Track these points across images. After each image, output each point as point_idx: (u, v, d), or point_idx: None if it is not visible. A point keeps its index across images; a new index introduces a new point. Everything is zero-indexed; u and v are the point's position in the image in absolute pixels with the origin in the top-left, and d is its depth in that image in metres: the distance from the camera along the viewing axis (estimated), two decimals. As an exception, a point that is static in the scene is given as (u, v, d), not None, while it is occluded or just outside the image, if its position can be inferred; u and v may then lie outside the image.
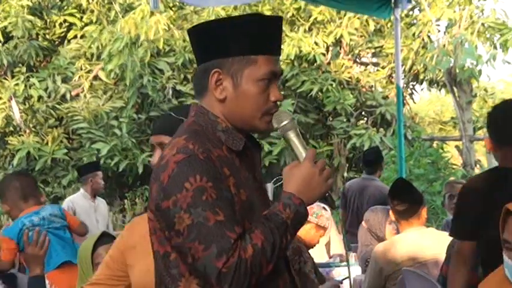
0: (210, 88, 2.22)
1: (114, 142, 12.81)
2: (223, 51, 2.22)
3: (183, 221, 2.05)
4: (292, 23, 13.93)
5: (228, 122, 2.22)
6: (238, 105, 2.22)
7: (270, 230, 2.07)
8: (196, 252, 2.04)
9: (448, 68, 12.82)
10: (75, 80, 13.70)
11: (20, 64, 13.92)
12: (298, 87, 13.36)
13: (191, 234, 2.04)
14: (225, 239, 2.02)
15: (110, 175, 13.25)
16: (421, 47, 13.82)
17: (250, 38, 2.22)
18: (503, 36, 12.96)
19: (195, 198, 2.05)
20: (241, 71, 2.21)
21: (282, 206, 2.12)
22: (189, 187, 2.05)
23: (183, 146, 2.12)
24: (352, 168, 14.35)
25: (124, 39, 12.58)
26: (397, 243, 5.07)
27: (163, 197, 2.09)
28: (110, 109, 13.27)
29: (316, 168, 2.16)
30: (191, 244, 2.04)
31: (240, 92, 2.21)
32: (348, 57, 14.43)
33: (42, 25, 14.18)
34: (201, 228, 2.04)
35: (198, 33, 2.28)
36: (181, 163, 2.08)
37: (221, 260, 2.01)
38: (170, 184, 2.08)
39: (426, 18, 13.58)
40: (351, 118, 13.84)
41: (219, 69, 2.20)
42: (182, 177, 2.07)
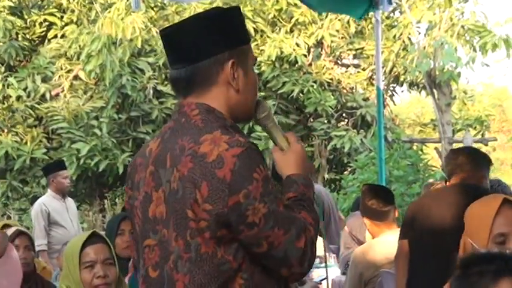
0: (222, 81, 2.22)
1: (94, 142, 12.78)
2: (235, 42, 2.25)
3: (259, 211, 2.08)
4: (273, 24, 13.95)
5: (230, 117, 2.24)
6: (249, 94, 2.28)
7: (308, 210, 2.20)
8: (277, 238, 2.09)
9: (428, 70, 12.87)
10: (55, 80, 13.66)
11: (0, 64, 13.85)
12: (279, 88, 13.38)
13: (269, 222, 2.08)
14: (297, 220, 2.13)
15: (89, 175, 13.23)
16: (402, 49, 13.90)
17: (242, 27, 2.30)
18: (483, 38, 13.01)
19: (265, 187, 2.09)
20: (246, 60, 2.26)
21: (303, 186, 2.24)
22: (257, 177, 2.09)
23: (234, 140, 2.12)
24: (332, 169, 14.39)
25: (102, 39, 12.53)
26: (375, 246, 5.11)
27: (230, 193, 2.08)
28: (90, 109, 13.23)
29: (303, 147, 2.29)
30: (270, 232, 2.09)
31: (249, 81, 2.27)
32: (329, 58, 14.47)
33: (22, 25, 14.12)
34: (277, 215, 2.09)
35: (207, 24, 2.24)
36: (241, 156, 2.09)
37: (301, 240, 2.11)
38: (237, 178, 2.08)
39: (407, 21, 13.64)
40: (332, 119, 13.89)
41: (235, 59, 2.23)
42: (248, 169, 2.09)
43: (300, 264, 2.11)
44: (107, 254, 3.29)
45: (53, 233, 7.46)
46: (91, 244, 3.30)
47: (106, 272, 3.25)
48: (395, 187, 10.62)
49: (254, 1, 13.26)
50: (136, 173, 2.26)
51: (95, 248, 3.29)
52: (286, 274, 2.14)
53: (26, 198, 13.31)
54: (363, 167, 11.77)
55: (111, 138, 12.93)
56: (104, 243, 3.34)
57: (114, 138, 13.06)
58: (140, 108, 13.26)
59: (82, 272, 3.26)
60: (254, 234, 2.08)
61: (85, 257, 3.28)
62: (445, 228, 4.32)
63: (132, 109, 13.35)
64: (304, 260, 2.11)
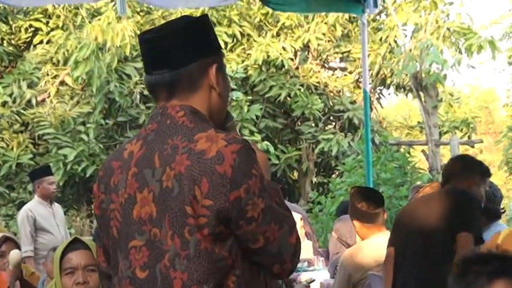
0: (205, 84, 2.26)
1: (81, 147, 12.75)
2: (217, 47, 2.32)
3: (258, 206, 2.11)
4: (260, 28, 13.96)
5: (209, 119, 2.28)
6: (227, 98, 2.33)
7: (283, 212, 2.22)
8: (273, 234, 2.13)
9: (415, 73, 12.91)
10: (41, 86, 13.61)
11: (-15, 69, 13.83)
12: (266, 92, 13.38)
13: (266, 217, 2.12)
14: (288, 216, 2.17)
15: (77, 180, 13.19)
16: (388, 52, 13.93)
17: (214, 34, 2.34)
18: (468, 40, 13.06)
19: (262, 183, 2.14)
20: (224, 65, 2.31)
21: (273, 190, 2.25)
22: (256, 173, 2.13)
23: (231, 137, 2.16)
24: (320, 173, 14.41)
25: (90, 46, 12.51)
26: (364, 248, 5.13)
27: (231, 188, 2.10)
28: (77, 114, 13.20)
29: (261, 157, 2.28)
30: (267, 227, 2.13)
31: (226, 85, 2.32)
32: (315, 62, 14.49)
33: (7, 30, 14.08)
34: (273, 210, 2.14)
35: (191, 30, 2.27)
36: (240, 152, 2.13)
37: (293, 236, 2.15)
38: (237, 174, 2.11)
39: (393, 23, 13.68)
40: (319, 123, 13.88)
41: (218, 64, 2.27)
42: (248, 164, 2.13)
43: (291, 261, 2.15)
44: (88, 260, 3.27)
45: (39, 239, 7.43)
46: (72, 250, 3.29)
47: (86, 279, 3.23)
48: (382, 190, 10.64)
49: (240, 5, 13.26)
50: (113, 176, 2.25)
51: (76, 254, 3.28)
52: (278, 271, 2.17)
53: (12, 204, 13.26)
54: (350, 170, 11.79)
55: (98, 144, 12.91)
56: (85, 249, 3.30)
57: (101, 144, 13.04)
58: (127, 114, 13.24)
59: (63, 278, 3.26)
60: (252, 229, 2.11)
61: (66, 263, 3.27)
62: (431, 230, 4.38)
63: (119, 114, 13.33)
64: (295, 256, 2.15)
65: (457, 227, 4.32)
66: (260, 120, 13.11)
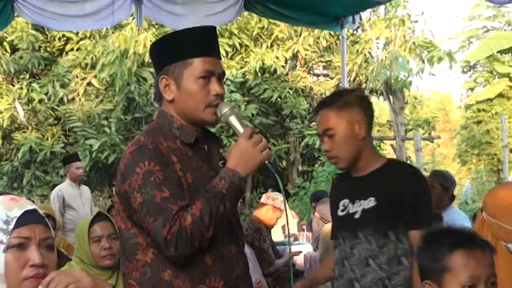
0: (162, 93, 2.26)
1: (104, 139, 12.72)
2: (167, 60, 2.25)
3: (136, 199, 2.08)
4: (256, 39, 13.92)
5: (181, 119, 2.24)
6: (184, 102, 2.24)
7: (208, 200, 2.07)
8: (148, 225, 2.07)
9: (385, 79, 12.88)
10: (72, 86, 13.59)
11: (25, 72, 13.76)
12: (260, 94, 13.35)
13: (143, 210, 2.07)
14: (168, 211, 2.04)
15: (100, 166, 13.17)
16: (363, 61, 13.91)
17: (186, 45, 2.24)
18: (430, 52, 13.07)
19: (144, 180, 2.08)
20: (182, 73, 2.22)
21: (218, 179, 2.13)
22: (139, 171, 2.09)
23: (137, 140, 2.18)
24: (305, 162, 14.40)
25: (115, 53, 12.49)
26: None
27: (122, 182, 2.13)
28: (101, 111, 13.18)
29: (249, 142, 2.15)
30: (144, 218, 2.07)
31: (183, 91, 2.23)
32: (303, 69, 14.46)
33: (43, 39, 14.03)
34: (149, 204, 2.06)
35: (150, 52, 2.35)
36: (133, 153, 2.13)
37: (165, 229, 2.03)
38: (126, 170, 2.12)
39: (368, 37, 13.67)
40: (305, 120, 13.88)
41: (166, 75, 2.24)
42: (134, 163, 2.10)
43: (167, 249, 2.05)
44: (111, 230, 3.31)
45: (66, 215, 7.44)
46: (97, 222, 3.33)
47: (111, 245, 3.26)
48: (357, 177, 10.62)
49: (239, 20, 13.20)
50: None
51: (101, 225, 3.32)
52: (165, 255, 2.10)
53: (47, 186, 13.24)
54: (330, 160, 11.77)
55: (118, 136, 12.87)
56: (108, 221, 3.35)
57: (121, 136, 13.00)
58: (143, 111, 13.20)
59: (91, 245, 3.28)
60: (137, 218, 2.10)
61: (93, 232, 3.31)
62: None
63: (137, 111, 13.29)
64: (169, 246, 2.04)
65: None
66: (255, 117, 13.07)
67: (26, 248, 1.70)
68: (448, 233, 1.87)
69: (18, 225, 1.69)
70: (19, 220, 1.70)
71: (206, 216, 2.05)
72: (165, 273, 2.11)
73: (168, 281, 2.11)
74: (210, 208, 2.06)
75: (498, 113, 19.68)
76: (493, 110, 20.29)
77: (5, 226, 1.69)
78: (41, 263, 1.70)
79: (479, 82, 22.45)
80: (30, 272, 1.68)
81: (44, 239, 1.73)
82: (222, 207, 2.08)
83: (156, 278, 2.12)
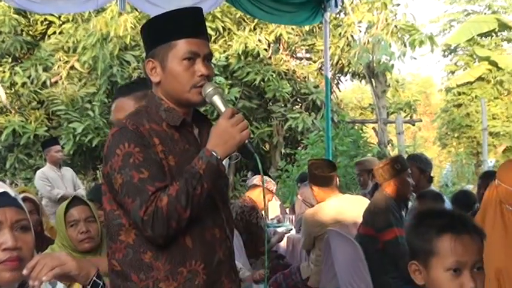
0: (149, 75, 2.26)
1: (88, 122, 12.64)
2: (152, 43, 2.25)
3: (117, 180, 2.08)
4: (239, 23, 13.85)
5: (169, 102, 2.23)
6: (169, 84, 2.22)
7: (185, 180, 2.06)
8: (128, 205, 2.07)
9: (368, 63, 12.90)
10: (55, 70, 13.48)
11: (7, 56, 13.64)
12: (244, 77, 13.31)
13: (123, 191, 2.07)
14: (145, 192, 2.04)
15: (84, 150, 13.10)
16: (346, 45, 13.91)
17: (170, 27, 2.22)
18: (412, 36, 13.10)
19: (124, 162, 2.07)
20: (166, 55, 2.21)
21: (196, 159, 2.12)
22: (119, 153, 2.08)
23: (119, 122, 2.16)
24: (288, 145, 14.40)
25: (96, 35, 12.41)
26: (322, 209, 5.11)
27: (105, 164, 2.13)
28: (84, 94, 13.09)
29: (229, 122, 2.13)
30: (124, 199, 2.08)
31: (168, 73, 2.22)
32: (285, 52, 14.42)
33: (26, 23, 13.89)
34: (128, 185, 2.06)
35: (141, 36, 2.34)
36: (114, 134, 2.12)
37: (142, 210, 2.03)
38: (107, 152, 2.12)
39: (350, 21, 13.65)
40: (288, 104, 13.87)
41: (151, 58, 2.23)
42: (115, 145, 2.10)
43: (144, 230, 2.06)
44: (88, 213, 3.29)
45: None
46: (74, 206, 3.30)
47: (88, 228, 3.24)
48: (340, 160, 10.65)
49: (223, 3, 13.13)
50: None
51: (78, 209, 3.29)
52: (145, 235, 2.10)
53: (30, 169, 13.15)
54: (313, 143, 11.79)
55: (102, 119, 12.79)
56: (84, 204, 3.33)
57: (105, 119, 12.92)
58: (127, 94, 13.10)
59: (68, 230, 3.26)
60: (119, 199, 2.10)
61: (69, 217, 3.28)
62: None
63: (120, 94, 13.19)
64: (146, 226, 2.04)
65: None
66: (238, 101, 13.04)
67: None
68: (438, 215, 1.86)
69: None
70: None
71: (183, 196, 2.04)
72: (146, 255, 2.11)
73: (148, 262, 2.11)
74: (187, 189, 2.05)
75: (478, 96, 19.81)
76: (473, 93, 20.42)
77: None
78: (14, 245, 1.66)
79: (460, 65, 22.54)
80: (3, 255, 1.65)
81: (17, 221, 1.70)
82: (199, 187, 2.06)
83: (137, 260, 2.11)
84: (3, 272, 1.65)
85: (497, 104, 20.33)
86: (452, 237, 1.76)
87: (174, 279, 2.10)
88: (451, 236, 1.76)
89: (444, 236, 1.77)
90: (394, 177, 4.58)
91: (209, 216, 2.18)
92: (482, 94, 19.74)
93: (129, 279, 2.12)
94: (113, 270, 2.17)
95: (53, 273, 1.71)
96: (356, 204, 5.05)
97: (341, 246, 4.66)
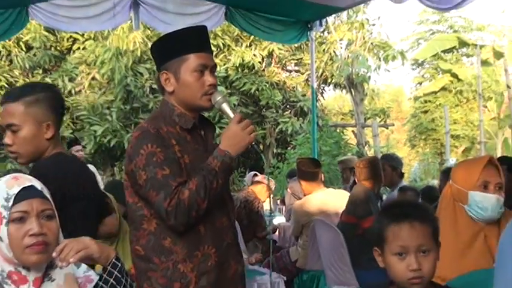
0: (163, 86, 2.26)
1: (107, 125, 12.62)
2: (164, 57, 2.25)
3: (141, 177, 2.09)
4: (237, 40, 13.84)
5: (181, 108, 2.24)
6: (183, 92, 2.23)
7: (203, 176, 2.09)
8: (152, 198, 2.08)
9: (348, 75, 12.93)
10: (78, 80, 13.45)
11: (38, 67, 13.62)
12: (241, 87, 13.30)
13: (147, 185, 2.07)
14: (168, 186, 2.06)
15: (103, 149, 13.07)
16: (329, 59, 13.91)
17: (181, 43, 2.23)
18: (386, 52, 13.14)
19: (148, 160, 2.08)
20: (179, 68, 2.22)
21: (212, 158, 2.14)
22: (143, 152, 2.09)
23: (141, 126, 2.17)
24: (279, 145, 14.41)
25: (112, 51, 12.38)
26: (309, 201, 5.11)
27: (129, 162, 2.13)
28: (103, 101, 13.07)
29: (238, 126, 2.15)
30: (148, 192, 2.08)
31: (181, 83, 2.23)
32: (277, 65, 14.42)
33: (54, 39, 13.85)
34: (153, 181, 2.07)
35: (151, 51, 2.33)
36: (138, 137, 2.13)
37: (166, 201, 2.05)
38: (132, 152, 2.12)
39: (333, 39, 13.66)
40: (279, 110, 13.87)
41: (166, 70, 2.24)
42: (139, 146, 2.11)
43: (168, 219, 2.07)
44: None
45: None
46: None
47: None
48: (324, 158, 10.67)
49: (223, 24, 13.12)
50: None
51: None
52: (168, 224, 2.10)
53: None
54: (301, 144, 11.80)
55: (119, 123, 12.78)
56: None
57: (121, 123, 12.91)
58: (140, 101, 13.09)
59: None
60: (142, 193, 2.11)
61: None
62: None
63: (134, 101, 13.18)
64: (170, 216, 2.06)
65: None
66: (236, 107, 13.04)
67: (25, 220, 1.69)
68: (389, 207, 1.85)
69: (17, 201, 1.69)
70: (17, 196, 1.69)
71: (201, 190, 2.06)
72: (166, 241, 2.13)
73: (168, 247, 2.13)
74: (205, 183, 2.07)
75: (441, 104, 19.82)
76: (437, 102, 20.44)
77: (6, 203, 1.68)
78: (39, 231, 1.69)
79: (426, 77, 22.57)
80: (30, 240, 1.68)
81: (42, 211, 1.72)
82: (215, 182, 2.10)
83: (158, 245, 2.13)
84: (31, 255, 1.68)
85: (457, 111, 20.37)
86: (395, 226, 1.75)
87: (190, 261, 2.13)
88: (394, 224, 1.76)
89: (390, 225, 1.77)
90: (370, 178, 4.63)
91: (218, 207, 2.21)
92: (445, 102, 19.77)
93: (151, 261, 2.14)
94: (137, 255, 2.18)
95: (79, 255, 1.72)
96: (338, 197, 5.06)
97: (325, 233, 4.66)
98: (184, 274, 2.12)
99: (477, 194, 2.40)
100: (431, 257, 1.74)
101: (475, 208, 2.41)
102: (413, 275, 1.71)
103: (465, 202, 2.43)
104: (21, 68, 13.34)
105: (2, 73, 13.32)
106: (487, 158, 2.48)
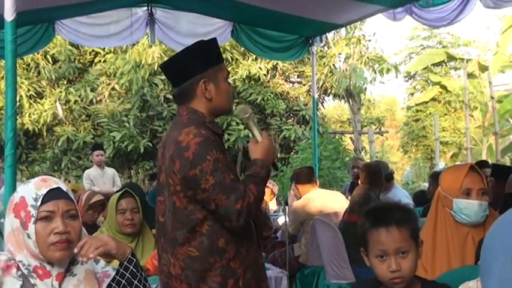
0: (199, 94, 2.19)
1: (125, 131, 12.65)
2: (204, 66, 2.21)
3: (208, 181, 2.03)
4: (244, 54, 13.84)
5: (209, 115, 2.21)
6: (220, 99, 2.22)
7: (257, 183, 2.11)
8: (220, 201, 2.04)
9: (346, 86, 12.91)
10: (99, 90, 13.49)
11: (63, 78, 13.66)
12: (248, 97, 13.31)
13: (216, 189, 2.03)
14: (239, 190, 2.05)
15: (121, 154, 13.08)
16: (329, 72, 13.90)
17: (213, 53, 2.23)
18: (381, 65, 13.12)
19: (215, 165, 2.04)
20: (217, 76, 2.21)
21: (259, 167, 2.16)
22: (210, 158, 2.05)
23: (198, 132, 2.09)
24: (283, 151, 14.40)
25: (131, 63, 12.43)
26: (310, 201, 5.11)
27: (190, 168, 2.05)
28: (122, 109, 13.10)
29: (270, 142, 2.23)
30: (216, 196, 2.04)
31: (219, 90, 2.22)
32: (281, 77, 14.42)
33: (77, 53, 13.90)
34: (222, 185, 2.04)
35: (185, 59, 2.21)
36: (200, 143, 2.06)
37: (238, 204, 2.04)
38: (195, 158, 2.05)
39: (332, 53, 13.66)
40: (283, 118, 13.87)
41: (205, 79, 2.20)
42: (204, 152, 2.05)
43: (237, 220, 2.06)
44: (134, 205, 3.31)
45: None
46: (124, 198, 3.34)
47: (133, 217, 3.28)
48: (324, 163, 10.64)
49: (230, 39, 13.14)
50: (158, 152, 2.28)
51: (126, 201, 3.33)
52: (228, 226, 2.09)
53: (80, 168, 13.14)
54: (303, 149, 11.78)
55: (135, 129, 12.80)
56: (132, 197, 3.35)
57: (138, 129, 12.93)
58: (155, 109, 13.12)
59: (117, 216, 3.30)
60: (206, 196, 2.05)
61: (120, 206, 3.31)
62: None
63: (150, 110, 13.21)
64: (240, 217, 2.05)
65: None
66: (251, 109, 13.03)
67: (52, 219, 1.69)
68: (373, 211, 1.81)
69: (44, 201, 1.70)
70: (45, 197, 1.70)
71: (260, 194, 2.12)
72: (219, 241, 2.12)
73: (222, 247, 2.12)
74: (260, 189, 2.13)
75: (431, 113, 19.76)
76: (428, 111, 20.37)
77: (34, 203, 1.69)
78: (64, 230, 1.69)
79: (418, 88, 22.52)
80: (55, 238, 1.68)
81: (67, 211, 1.72)
82: (262, 189, 2.15)
83: (212, 245, 2.11)
84: (55, 251, 1.68)
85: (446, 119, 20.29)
86: (374, 231, 1.73)
87: (238, 258, 2.15)
88: (373, 229, 1.74)
89: (369, 230, 1.75)
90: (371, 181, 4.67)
91: None
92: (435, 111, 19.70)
93: (207, 261, 2.11)
94: (190, 256, 2.12)
95: (98, 251, 1.72)
96: (336, 198, 5.08)
97: (325, 232, 4.65)
98: (235, 270, 2.13)
99: (461, 201, 2.38)
100: (411, 256, 1.72)
101: (459, 214, 2.40)
102: (393, 275, 1.69)
103: (451, 208, 2.41)
104: (47, 78, 13.41)
105: (31, 83, 13.38)
106: (468, 166, 2.45)
